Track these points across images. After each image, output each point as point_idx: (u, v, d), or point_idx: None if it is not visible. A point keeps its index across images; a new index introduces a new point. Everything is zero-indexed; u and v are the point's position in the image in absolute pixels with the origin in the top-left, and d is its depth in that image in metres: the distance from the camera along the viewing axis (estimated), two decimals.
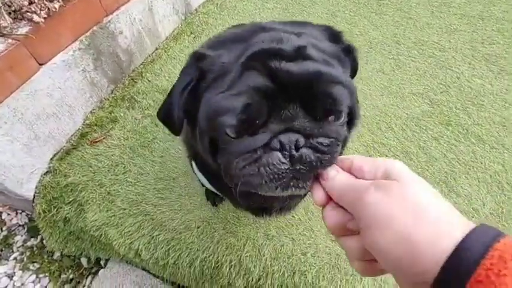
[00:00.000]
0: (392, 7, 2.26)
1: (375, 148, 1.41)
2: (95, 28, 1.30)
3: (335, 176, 0.42)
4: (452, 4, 2.28)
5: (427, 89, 1.69)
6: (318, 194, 0.43)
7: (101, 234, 1.18)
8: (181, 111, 0.51)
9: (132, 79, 1.62)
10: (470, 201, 1.22)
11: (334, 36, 0.57)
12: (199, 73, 0.49)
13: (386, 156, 1.37)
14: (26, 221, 1.55)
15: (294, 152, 0.42)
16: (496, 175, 1.30)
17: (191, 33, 1.95)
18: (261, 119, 0.42)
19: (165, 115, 0.54)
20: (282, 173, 0.42)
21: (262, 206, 0.70)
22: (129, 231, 1.17)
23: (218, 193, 0.84)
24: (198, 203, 1.22)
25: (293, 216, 1.16)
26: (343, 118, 0.47)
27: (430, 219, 0.32)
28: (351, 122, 0.52)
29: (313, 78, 0.43)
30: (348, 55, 0.56)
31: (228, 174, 0.48)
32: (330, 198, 0.42)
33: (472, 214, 1.19)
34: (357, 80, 1.72)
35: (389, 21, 2.15)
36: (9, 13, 1.05)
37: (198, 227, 1.16)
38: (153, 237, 1.15)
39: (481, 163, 1.34)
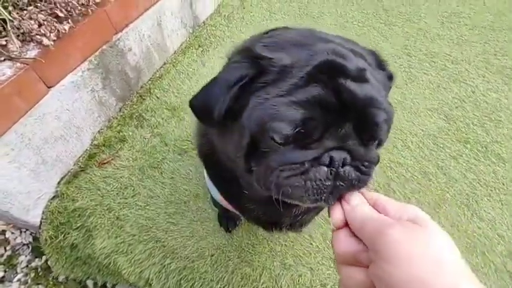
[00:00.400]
0: (401, 18, 2.23)
1: (391, 168, 1.36)
2: (104, 47, 1.27)
3: (358, 205, 0.42)
4: (462, 15, 2.25)
5: (441, 103, 1.65)
6: (337, 215, 0.43)
7: (110, 262, 1.13)
8: (226, 105, 0.47)
9: (140, 96, 1.58)
10: (495, 226, 1.17)
11: (380, 62, 0.57)
12: (257, 71, 0.46)
13: (404, 176, 1.33)
14: (31, 240, 1.51)
15: (340, 169, 0.43)
16: None
17: (199, 46, 1.91)
18: (317, 134, 0.43)
19: (204, 105, 0.49)
20: (325, 188, 0.44)
21: (273, 221, 0.71)
22: (139, 259, 1.12)
23: (226, 206, 0.80)
24: (211, 228, 1.17)
25: (311, 244, 1.12)
26: (385, 140, 0.49)
27: (450, 271, 0.32)
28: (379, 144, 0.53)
29: (370, 103, 0.43)
30: (390, 83, 0.57)
31: (264, 180, 0.47)
32: (346, 223, 0.42)
33: (498, 240, 1.14)
34: None
35: (399, 32, 2.12)
36: (18, 36, 1.01)
37: (211, 255, 1.11)
38: (164, 265, 1.11)
39: (503, 184, 1.29)
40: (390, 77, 0.57)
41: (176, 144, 1.42)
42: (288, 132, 0.42)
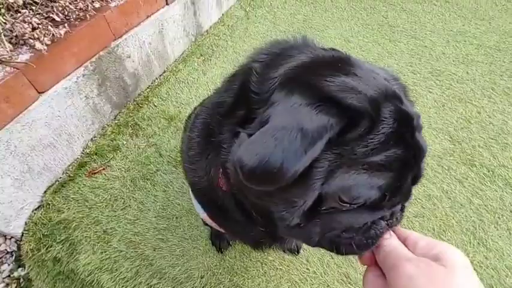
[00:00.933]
0: (406, 34, 2.21)
1: None
2: (101, 53, 1.23)
3: (386, 239, 0.41)
4: (468, 34, 2.23)
5: (446, 123, 1.60)
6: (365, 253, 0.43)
7: (93, 280, 1.06)
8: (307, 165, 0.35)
9: (137, 104, 1.54)
10: (503, 257, 1.10)
11: (405, 91, 0.50)
12: (344, 123, 0.35)
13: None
14: (15, 248, 1.44)
15: (394, 220, 0.43)
16: None
17: (201, 55, 1.88)
18: (392, 194, 0.39)
19: (270, 165, 0.34)
20: (379, 237, 0.42)
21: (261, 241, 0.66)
22: (125, 277, 1.06)
23: (211, 224, 0.74)
24: (202, 248, 1.10)
25: (307, 269, 1.05)
26: None
27: None
28: None
29: (423, 156, 0.42)
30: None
31: (315, 237, 0.44)
32: (375, 261, 0.42)
33: (506, 273, 1.07)
34: None
35: (403, 49, 2.09)
36: (11, 38, 0.97)
37: (201, 277, 1.04)
38: (150, 286, 1.04)
39: (511, 211, 1.23)
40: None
41: (171, 156, 1.37)
42: (374, 197, 0.38)
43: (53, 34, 0.99)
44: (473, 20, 2.36)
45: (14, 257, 1.41)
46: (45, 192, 1.18)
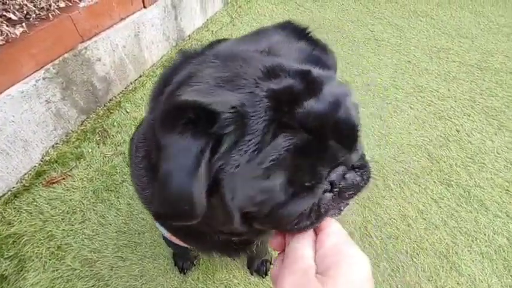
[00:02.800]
0: (390, 49, 2.21)
1: (369, 208, 1.27)
2: (66, 55, 1.16)
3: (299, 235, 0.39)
4: (451, 51, 2.25)
5: (426, 141, 1.59)
6: (278, 238, 0.41)
7: None
8: (203, 193, 0.35)
9: (108, 109, 1.46)
10: (475, 283, 1.08)
11: (300, 34, 0.47)
12: (212, 138, 0.33)
13: (382, 219, 1.24)
14: None
15: (341, 184, 0.40)
16: (501, 250, 1.17)
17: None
18: (308, 179, 0.37)
19: (177, 207, 0.36)
20: (334, 205, 0.41)
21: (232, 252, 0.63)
22: None
23: (178, 242, 0.69)
24: (163, 268, 1.04)
25: None
26: None
27: None
28: None
29: (336, 109, 0.37)
30: (328, 54, 0.48)
31: (279, 229, 0.42)
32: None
33: None
34: None
35: (387, 63, 2.09)
36: None
37: None
38: None
39: (485, 234, 1.21)
40: (324, 48, 0.48)
41: None
42: (282, 200, 0.37)
43: (7, 34, 0.92)
44: (456, 38, 2.39)
45: None
46: None
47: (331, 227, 0.39)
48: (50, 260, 1.03)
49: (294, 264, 0.34)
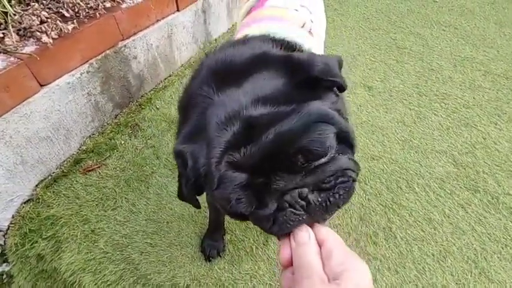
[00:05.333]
0: (413, 56, 2.22)
1: (394, 210, 1.26)
2: (108, 52, 1.24)
3: (303, 244, 0.42)
4: (475, 60, 2.23)
5: (451, 147, 1.57)
6: (285, 253, 0.43)
7: (75, 281, 1.02)
8: (192, 195, 0.55)
9: (139, 105, 1.54)
10: None
11: (292, 67, 0.51)
12: (190, 177, 0.51)
13: (407, 221, 1.23)
14: (2, 242, 1.41)
15: (302, 203, 0.44)
16: None
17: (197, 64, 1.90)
18: (254, 204, 0.45)
19: (182, 198, 0.59)
20: (303, 219, 0.45)
21: None
22: (107, 280, 1.02)
23: None
24: (190, 256, 1.06)
25: None
26: (332, 151, 0.46)
27: None
28: (345, 140, 0.49)
29: (274, 147, 0.43)
30: (317, 81, 0.51)
31: (262, 227, 0.50)
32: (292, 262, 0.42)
33: None
34: (376, 130, 1.59)
35: (410, 70, 2.09)
36: (19, 30, 0.99)
37: (187, 286, 1.00)
38: None
39: None
40: (308, 81, 0.50)
41: (168, 159, 1.35)
42: (239, 211, 0.46)
43: (60, 29, 1.00)
44: (481, 47, 2.37)
45: None
46: (36, 185, 1.16)
47: (330, 240, 0.41)
48: (84, 242, 1.09)
49: (308, 271, 0.37)
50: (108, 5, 1.18)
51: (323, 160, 0.45)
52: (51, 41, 0.97)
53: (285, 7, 0.92)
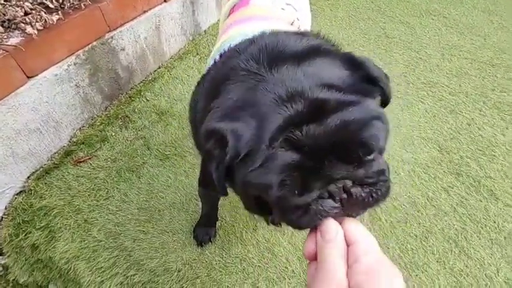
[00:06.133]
0: (402, 46, 2.24)
1: None
2: (94, 43, 1.24)
3: (329, 241, 0.39)
4: (463, 48, 2.26)
5: (436, 133, 1.61)
6: (310, 246, 0.41)
7: (70, 268, 1.05)
8: (222, 182, 0.49)
9: (129, 97, 1.54)
10: (483, 266, 1.10)
11: (353, 64, 0.51)
12: (226, 158, 0.46)
13: (392, 204, 1.27)
14: None
15: (344, 196, 0.43)
16: (510, 237, 1.18)
17: (197, 54, 1.90)
18: (298, 188, 0.43)
19: (206, 185, 0.59)
20: (336, 212, 0.43)
21: None
22: (102, 267, 1.04)
23: None
24: (181, 242, 1.10)
25: (286, 268, 1.04)
26: (379, 151, 0.46)
27: None
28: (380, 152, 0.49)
29: (339, 132, 0.42)
30: (374, 83, 0.51)
31: (285, 221, 0.49)
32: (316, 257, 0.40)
33: (486, 282, 1.06)
34: None
35: (399, 59, 2.12)
36: (3, 22, 0.99)
37: (178, 271, 1.03)
38: (127, 277, 1.03)
39: (494, 222, 1.23)
40: (369, 77, 0.50)
41: (159, 149, 1.37)
42: (274, 196, 0.43)
43: (45, 20, 1.01)
44: (468, 36, 2.40)
45: None
46: (28, 177, 1.18)
47: (361, 243, 0.38)
48: (77, 231, 1.11)
49: (328, 274, 0.35)
50: None
51: (371, 157, 0.44)
52: (36, 32, 0.97)
53: (270, 6, 0.89)
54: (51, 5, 1.04)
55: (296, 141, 0.42)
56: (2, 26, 0.97)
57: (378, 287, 0.32)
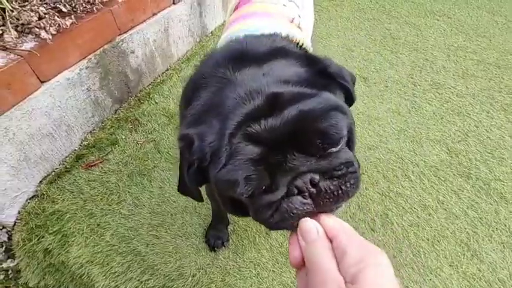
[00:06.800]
0: (408, 47, 2.24)
1: (390, 197, 1.30)
2: (105, 47, 1.24)
3: (313, 242, 0.37)
4: (468, 49, 2.26)
5: (444, 135, 1.61)
6: (294, 253, 0.38)
7: (84, 273, 1.05)
8: (194, 185, 0.53)
9: (138, 99, 1.54)
10: (496, 270, 1.10)
11: (312, 62, 0.54)
12: (194, 159, 0.49)
13: (403, 208, 1.27)
14: (5, 239, 1.42)
15: (312, 190, 0.42)
16: None
17: (204, 56, 1.89)
18: (265, 183, 0.43)
19: (183, 190, 0.59)
20: (308, 211, 0.43)
21: None
22: (116, 272, 1.04)
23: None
24: (195, 246, 1.10)
25: None
26: (343, 142, 0.46)
27: None
28: (350, 137, 0.49)
29: (297, 123, 0.42)
30: (331, 79, 0.53)
31: (259, 221, 0.49)
32: (303, 263, 0.38)
33: (498, 286, 1.07)
34: (372, 120, 1.62)
35: (405, 60, 2.12)
36: (17, 27, 0.98)
37: (193, 276, 1.03)
38: (141, 282, 1.03)
39: (505, 225, 1.24)
40: (325, 72, 0.52)
41: (170, 153, 1.37)
42: (243, 192, 0.43)
43: (58, 24, 1.00)
44: (474, 37, 2.40)
45: (3, 248, 1.39)
46: (40, 182, 1.17)
47: (341, 235, 0.36)
48: (90, 236, 1.11)
49: (324, 276, 0.33)
50: None
51: (334, 149, 0.44)
52: (50, 37, 0.96)
53: (273, 2, 0.92)
54: (64, 9, 1.04)
55: (255, 134, 0.42)
56: (16, 30, 0.97)
57: (371, 273, 0.31)
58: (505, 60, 2.18)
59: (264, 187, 0.43)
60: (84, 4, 1.09)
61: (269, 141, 0.42)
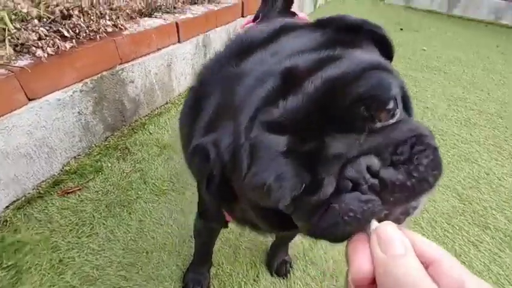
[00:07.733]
0: None
1: None
2: (104, 73, 1.25)
3: (401, 257, 0.25)
4: (468, 100, 2.28)
5: (453, 181, 1.51)
6: (364, 266, 0.27)
7: None
8: (217, 200, 0.45)
9: (132, 128, 1.50)
10: None
11: (324, 24, 0.43)
12: (213, 170, 0.40)
13: None
14: None
15: (373, 181, 0.31)
16: None
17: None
18: (304, 180, 0.32)
19: (205, 216, 0.54)
20: (374, 212, 0.30)
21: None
22: None
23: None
24: None
25: None
26: (399, 108, 0.33)
27: None
28: (405, 101, 0.37)
29: (324, 95, 0.32)
30: (356, 32, 0.41)
31: (311, 235, 0.37)
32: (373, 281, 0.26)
33: None
34: None
35: None
36: (16, 46, 0.99)
37: None
38: None
39: None
40: (351, 28, 0.41)
41: (156, 184, 1.27)
42: (285, 198, 0.34)
43: (58, 46, 1.01)
44: (472, 90, 2.45)
45: None
46: (7, 207, 1.06)
47: (445, 260, 0.26)
48: (48, 273, 0.95)
49: None
50: (110, 29, 1.22)
51: (390, 121, 0.33)
52: (45, 55, 0.97)
53: None
54: (67, 34, 1.07)
55: (275, 121, 0.33)
56: (15, 49, 0.98)
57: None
58: (506, 111, 2.18)
59: (303, 185, 0.32)
60: (87, 31, 1.12)
61: (295, 126, 0.32)
